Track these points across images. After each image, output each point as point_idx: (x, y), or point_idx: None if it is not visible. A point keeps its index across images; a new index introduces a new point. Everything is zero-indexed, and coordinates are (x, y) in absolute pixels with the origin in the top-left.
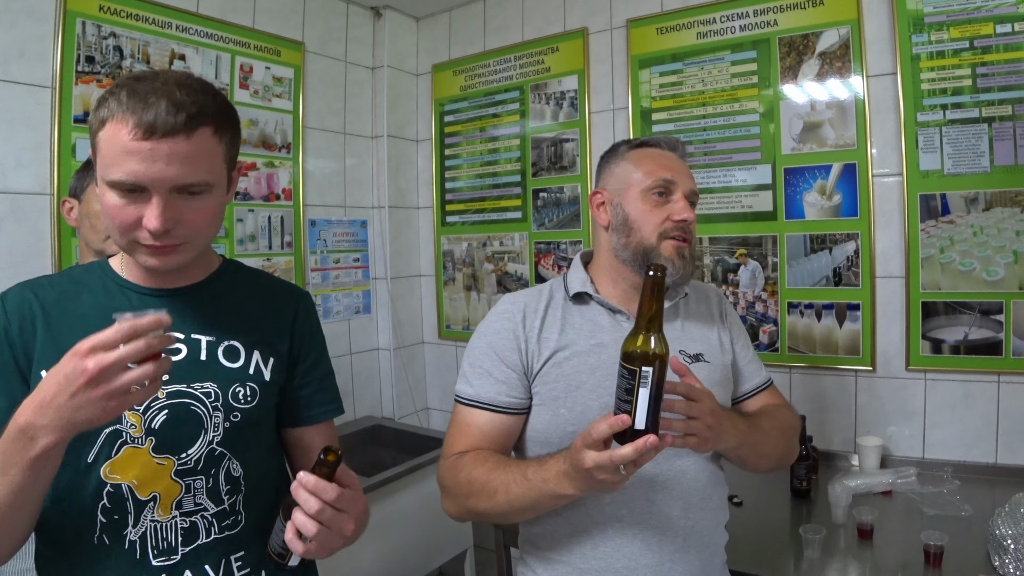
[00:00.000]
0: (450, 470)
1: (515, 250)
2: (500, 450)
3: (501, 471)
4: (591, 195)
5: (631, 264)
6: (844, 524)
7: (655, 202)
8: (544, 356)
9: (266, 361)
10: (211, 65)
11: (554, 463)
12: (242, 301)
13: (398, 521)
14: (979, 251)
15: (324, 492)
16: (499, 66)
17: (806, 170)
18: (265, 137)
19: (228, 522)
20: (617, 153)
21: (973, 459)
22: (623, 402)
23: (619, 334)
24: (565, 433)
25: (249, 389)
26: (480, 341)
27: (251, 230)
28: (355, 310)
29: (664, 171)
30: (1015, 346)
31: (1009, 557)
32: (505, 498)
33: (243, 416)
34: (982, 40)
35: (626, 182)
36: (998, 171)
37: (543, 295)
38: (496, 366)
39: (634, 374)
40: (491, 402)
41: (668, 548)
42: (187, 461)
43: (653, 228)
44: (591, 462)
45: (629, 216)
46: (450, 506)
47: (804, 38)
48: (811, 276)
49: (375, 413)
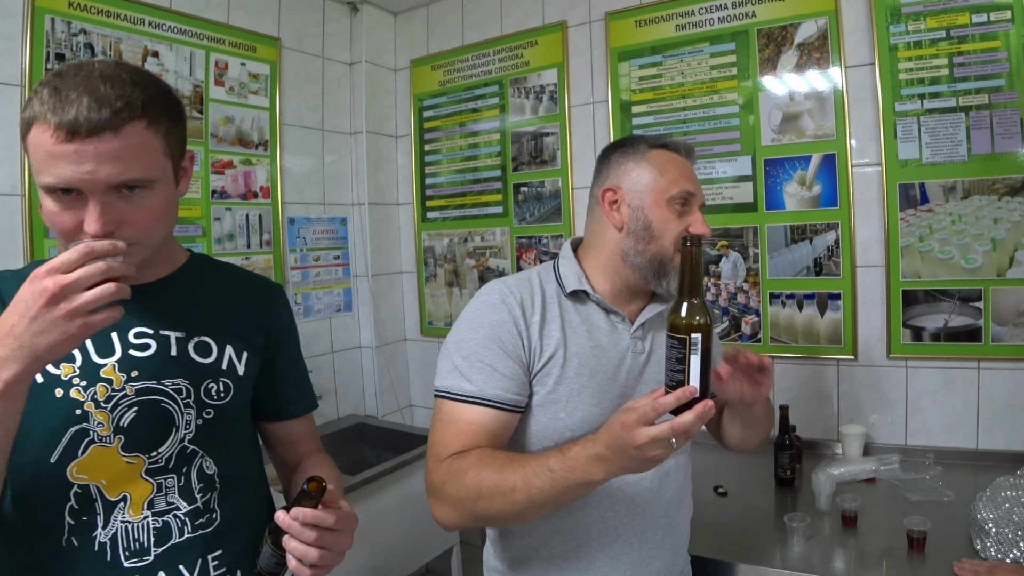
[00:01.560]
0: (450, 474)
1: (496, 245)
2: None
3: (517, 466)
4: (602, 190)
5: (641, 270)
6: (828, 512)
7: (677, 212)
8: (546, 355)
9: (240, 356)
10: (185, 62)
11: (580, 450)
12: (212, 296)
13: (383, 520)
14: (958, 239)
15: (323, 522)
16: (478, 60)
17: (786, 161)
18: (241, 134)
19: (202, 521)
20: (637, 151)
21: (955, 445)
22: (675, 372)
23: (615, 337)
24: (563, 438)
25: (222, 385)
26: (476, 332)
27: (229, 229)
28: (336, 308)
29: (688, 182)
30: (994, 332)
31: (991, 540)
32: (526, 495)
33: (216, 412)
34: (958, 30)
35: (648, 186)
36: (975, 159)
37: (534, 287)
38: (500, 360)
39: (684, 342)
40: (497, 399)
41: (647, 545)
42: (158, 459)
43: (673, 239)
44: (646, 437)
45: (652, 224)
46: (449, 514)
47: (782, 29)
48: (792, 266)
49: (358, 411)
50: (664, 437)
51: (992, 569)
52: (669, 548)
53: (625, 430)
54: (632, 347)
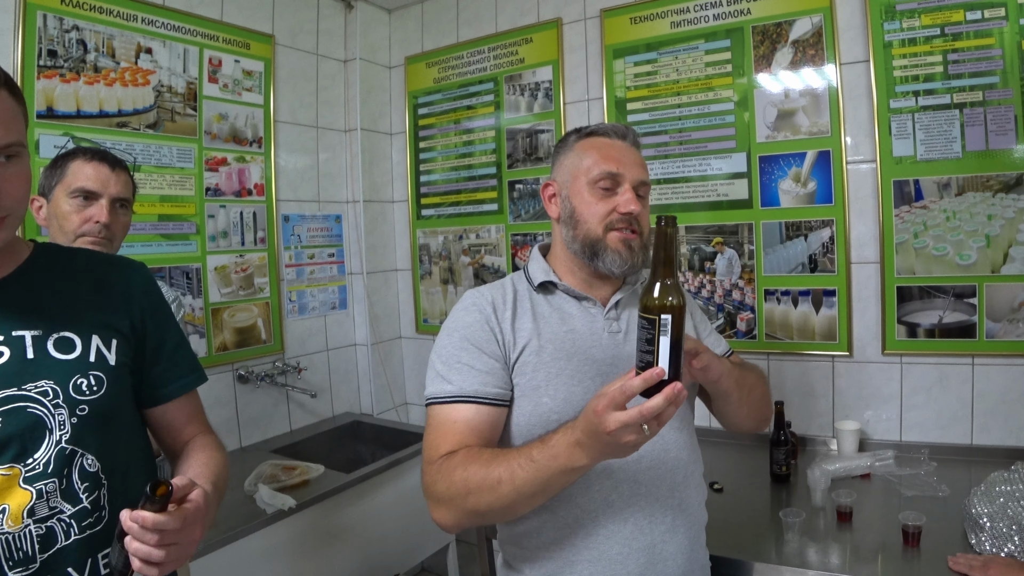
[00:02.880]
0: (440, 473)
1: (492, 242)
2: (488, 446)
3: (501, 460)
4: (543, 187)
5: (581, 256)
6: (823, 507)
7: (601, 194)
8: (520, 346)
9: (108, 344)
10: (179, 59)
11: (560, 437)
12: (67, 286)
13: (379, 518)
14: (952, 235)
15: (165, 527)
16: (473, 58)
17: (781, 158)
18: (235, 131)
19: (90, 520)
20: (567, 143)
21: (949, 440)
22: (645, 353)
23: (588, 320)
24: (549, 422)
25: (93, 378)
26: (451, 337)
27: (223, 226)
28: (331, 306)
29: (609, 163)
30: (988, 328)
31: (985, 535)
32: (511, 487)
33: (91, 408)
34: (952, 27)
35: (573, 174)
36: (970, 156)
37: (507, 288)
38: (477, 357)
39: (654, 323)
40: (476, 394)
41: (659, 529)
42: (34, 466)
43: (599, 220)
44: (617, 423)
45: (575, 209)
46: (444, 514)
47: (777, 26)
48: (787, 263)
49: (353, 409)
50: (634, 422)
51: (987, 563)
52: (683, 531)
53: (597, 416)
54: (607, 327)
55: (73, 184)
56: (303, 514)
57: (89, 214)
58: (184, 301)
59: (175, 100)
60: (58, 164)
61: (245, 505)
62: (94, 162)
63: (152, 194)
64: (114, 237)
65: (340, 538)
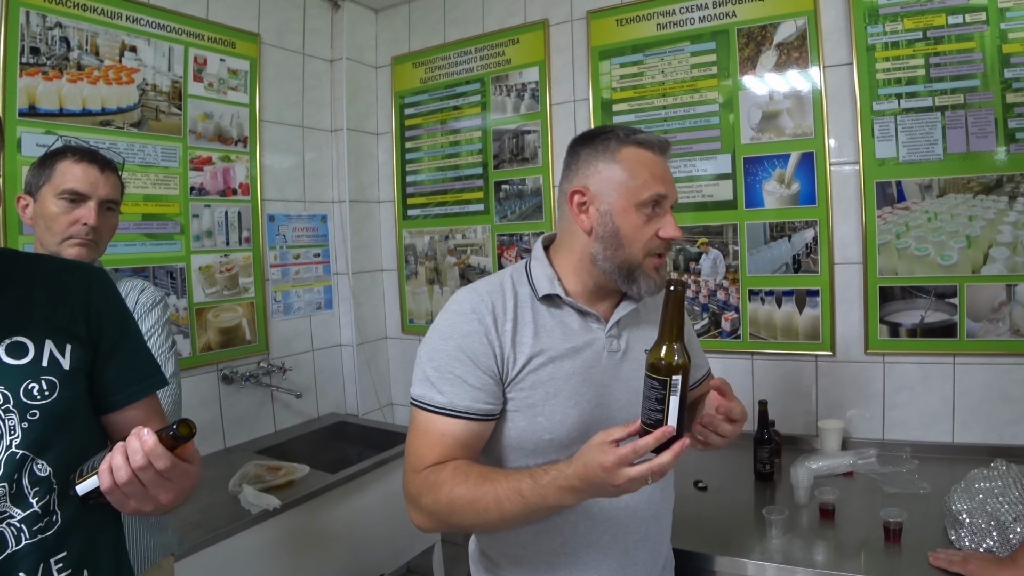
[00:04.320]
0: (426, 486)
1: (478, 243)
2: (473, 456)
3: (489, 486)
4: (570, 192)
5: (609, 274)
6: (807, 505)
7: (647, 216)
8: (520, 362)
9: (62, 349)
10: (164, 57)
11: (551, 480)
12: (20, 291)
13: (364, 518)
14: (934, 236)
15: (156, 459)
16: (459, 58)
17: (765, 159)
18: (221, 131)
19: (41, 525)
20: (608, 149)
21: (931, 439)
22: (654, 412)
23: (590, 337)
24: (541, 441)
25: (45, 383)
26: (447, 343)
27: (208, 226)
28: (316, 306)
29: (659, 183)
30: (969, 328)
31: (965, 531)
32: (498, 515)
33: (43, 413)
34: (935, 31)
35: (618, 190)
36: (951, 158)
37: (507, 292)
38: (470, 371)
39: (665, 384)
40: (468, 411)
41: (632, 537)
42: None
43: (642, 246)
44: (626, 478)
45: (620, 230)
46: (424, 521)
47: (762, 29)
48: (771, 263)
49: (339, 410)
50: (642, 476)
51: (966, 559)
52: (653, 538)
53: (605, 471)
54: (608, 346)
55: (61, 185)
56: (288, 515)
57: (77, 216)
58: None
59: (160, 99)
60: (46, 163)
61: (229, 506)
62: (83, 163)
63: (136, 193)
64: (101, 239)
65: (325, 539)
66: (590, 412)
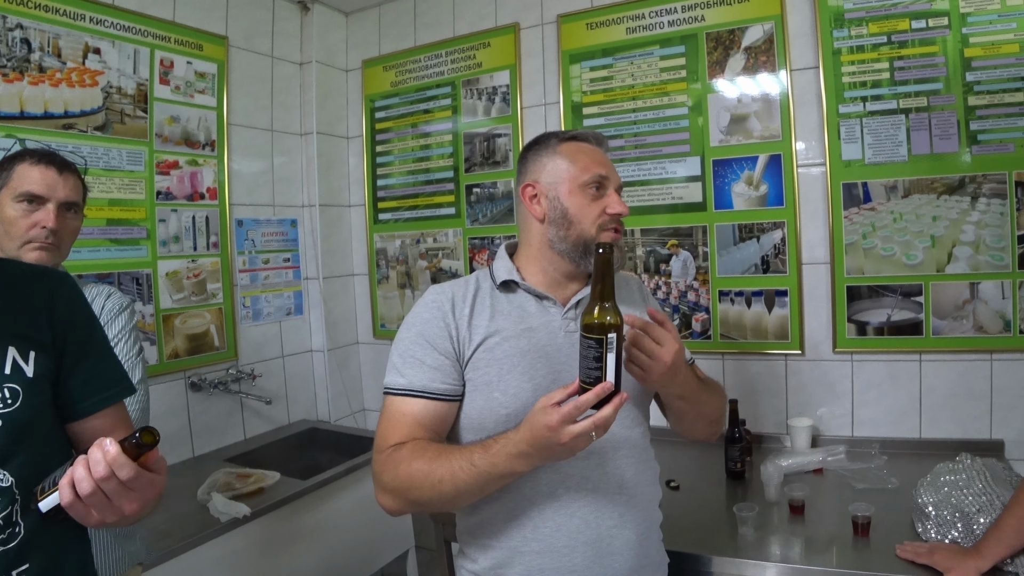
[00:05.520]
0: (387, 464)
1: (449, 246)
2: (435, 438)
3: (444, 460)
4: (522, 187)
5: (568, 255)
6: (777, 502)
7: (592, 196)
8: (475, 342)
9: (25, 356)
10: (129, 59)
11: (501, 448)
12: None
13: (337, 524)
14: (899, 236)
15: (119, 469)
16: (430, 61)
17: (734, 161)
18: (188, 134)
19: (2, 537)
20: (548, 146)
21: (899, 435)
22: (593, 370)
23: (546, 318)
24: (499, 416)
25: (8, 391)
26: (409, 332)
27: (175, 231)
28: (286, 311)
29: (599, 167)
30: (934, 326)
31: (931, 523)
32: (452, 486)
33: (5, 421)
34: (899, 35)
35: (562, 176)
36: (915, 159)
37: (470, 285)
38: (428, 353)
39: (601, 342)
40: (425, 389)
41: (606, 523)
42: None
43: (592, 221)
44: (571, 435)
45: (568, 210)
46: (388, 501)
47: (730, 33)
48: (740, 264)
49: (310, 416)
50: (587, 432)
51: (931, 550)
52: (632, 528)
53: (550, 431)
54: (564, 327)
55: (19, 188)
56: (259, 522)
57: (35, 219)
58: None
59: (125, 102)
60: (4, 167)
61: (198, 514)
62: (41, 165)
63: (100, 198)
64: (62, 243)
65: (298, 546)
66: (546, 388)
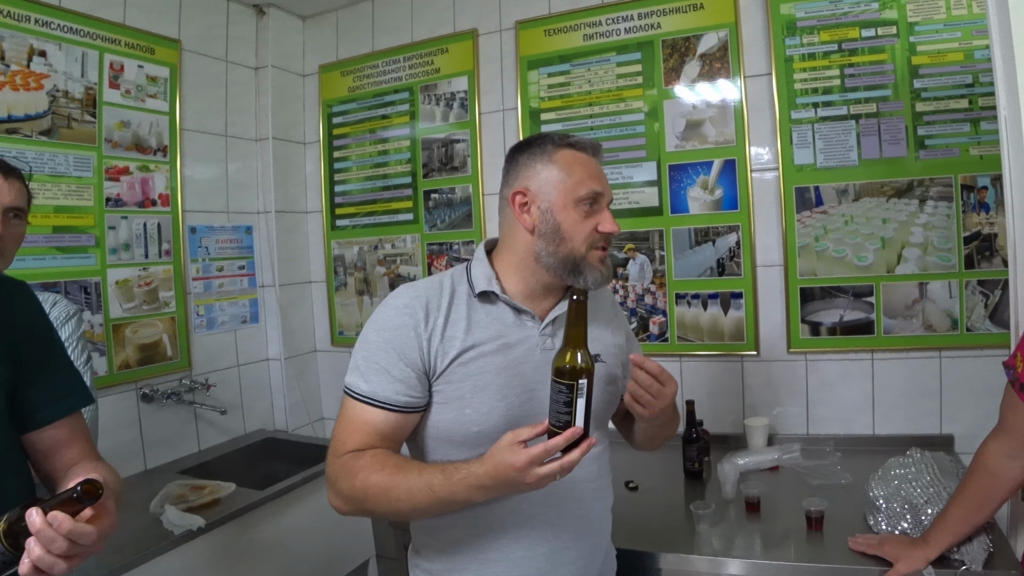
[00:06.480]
0: (344, 471)
1: (407, 252)
2: (394, 447)
3: (403, 478)
4: (512, 194)
5: (555, 270)
6: (734, 499)
7: (585, 212)
8: (450, 356)
9: None
10: (77, 62)
11: (462, 478)
12: None
13: (295, 534)
14: (850, 238)
15: (81, 538)
16: (388, 67)
17: (689, 166)
18: (139, 139)
19: None
20: (544, 151)
21: (853, 432)
22: (563, 414)
23: (524, 333)
24: (469, 433)
25: None
26: (378, 335)
27: (125, 238)
28: (241, 320)
29: (595, 182)
30: (885, 325)
31: (882, 515)
32: (409, 505)
33: None
34: (849, 43)
35: (556, 188)
36: (865, 164)
37: (444, 289)
38: (395, 364)
39: (571, 387)
40: (388, 401)
41: (563, 536)
42: None
43: (583, 239)
44: (537, 476)
45: (561, 226)
46: (341, 504)
47: (686, 40)
48: (697, 268)
49: (267, 426)
50: (553, 474)
51: (881, 541)
52: (586, 539)
53: (516, 471)
54: (541, 344)
55: None
56: (214, 534)
57: None
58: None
59: (72, 106)
60: None
61: (151, 528)
62: None
63: (46, 204)
64: (6, 249)
65: (255, 557)
66: (519, 407)
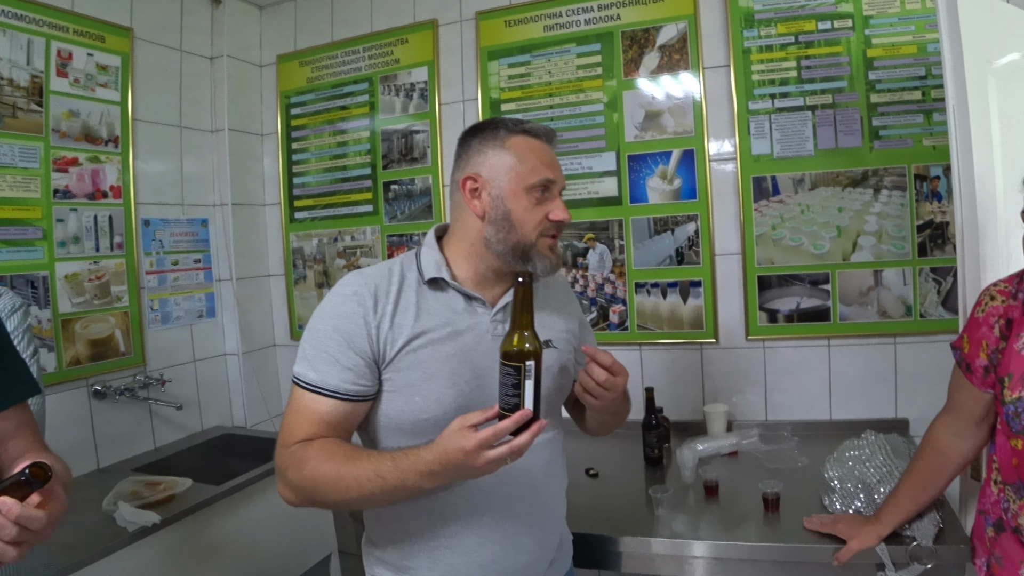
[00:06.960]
0: (293, 461)
1: (367, 244)
2: (343, 436)
3: (352, 466)
4: (463, 179)
5: (504, 256)
6: (692, 484)
7: (536, 199)
8: (399, 344)
9: None
10: (22, 50)
11: (411, 464)
12: None
13: (254, 530)
14: (807, 227)
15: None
16: (347, 57)
17: (648, 156)
18: (88, 130)
19: None
20: (496, 137)
21: (811, 417)
22: (511, 396)
23: (474, 320)
24: (419, 420)
25: None
26: (326, 324)
27: (74, 231)
28: (197, 314)
29: (548, 169)
30: (841, 312)
31: (836, 495)
32: (358, 494)
33: None
34: (806, 35)
35: (507, 175)
36: (821, 154)
37: (394, 276)
38: (343, 352)
39: (519, 370)
40: (336, 390)
41: (517, 522)
42: None
43: (534, 227)
44: (487, 460)
45: (511, 213)
46: (290, 495)
47: (645, 32)
48: (656, 257)
49: (225, 422)
50: (503, 457)
51: (835, 520)
52: (540, 524)
53: (465, 455)
54: (491, 330)
55: None
56: (170, 530)
57: None
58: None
59: (17, 94)
60: None
61: (105, 525)
62: None
63: None
64: None
65: (213, 553)
66: (469, 393)
